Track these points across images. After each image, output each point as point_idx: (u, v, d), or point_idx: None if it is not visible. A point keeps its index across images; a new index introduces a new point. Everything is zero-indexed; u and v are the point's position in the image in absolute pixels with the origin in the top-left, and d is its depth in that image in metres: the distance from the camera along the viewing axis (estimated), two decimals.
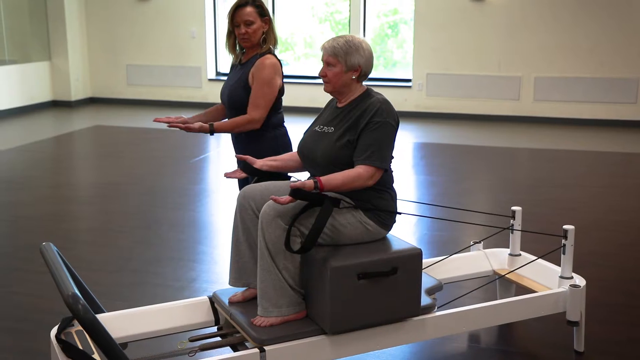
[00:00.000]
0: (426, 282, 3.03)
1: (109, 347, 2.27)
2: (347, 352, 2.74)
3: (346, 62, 2.77)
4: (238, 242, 2.90)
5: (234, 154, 3.49)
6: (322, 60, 2.82)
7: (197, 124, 3.20)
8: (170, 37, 10.92)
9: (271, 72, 3.25)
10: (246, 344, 2.76)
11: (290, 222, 2.62)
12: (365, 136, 2.73)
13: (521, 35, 9.64)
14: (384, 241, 2.86)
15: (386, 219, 2.84)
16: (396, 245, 2.82)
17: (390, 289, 2.72)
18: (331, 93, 2.87)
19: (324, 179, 2.62)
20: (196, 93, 10.93)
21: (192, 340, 2.83)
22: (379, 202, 2.81)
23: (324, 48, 2.81)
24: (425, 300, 2.88)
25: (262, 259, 2.68)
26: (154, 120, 3.25)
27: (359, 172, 2.68)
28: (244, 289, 2.93)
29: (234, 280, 2.92)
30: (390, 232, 2.93)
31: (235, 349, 2.74)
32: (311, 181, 2.58)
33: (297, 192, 2.55)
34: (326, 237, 2.72)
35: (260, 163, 2.97)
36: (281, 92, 3.36)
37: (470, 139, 8.67)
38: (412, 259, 2.75)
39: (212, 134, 3.23)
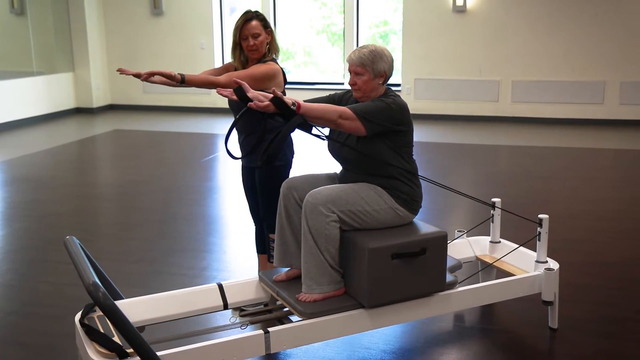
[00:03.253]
0: (448, 261, 3.06)
1: (128, 331, 2.26)
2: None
3: (373, 69, 2.78)
4: (282, 228, 2.92)
5: (239, 150, 3.48)
6: (350, 70, 2.81)
7: (171, 71, 3.00)
8: (182, 48, 10.90)
9: (265, 73, 3.18)
10: (290, 317, 2.80)
11: (268, 143, 2.64)
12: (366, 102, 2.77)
13: (499, 43, 9.63)
14: (412, 225, 2.89)
15: (414, 204, 2.87)
16: (424, 229, 2.85)
17: (420, 268, 2.75)
18: (360, 98, 2.86)
19: (304, 103, 2.62)
20: (205, 99, 10.92)
21: (242, 315, 2.86)
22: (406, 188, 2.84)
23: (351, 59, 2.80)
24: (448, 277, 2.92)
25: (305, 243, 2.71)
26: (118, 70, 2.96)
27: (336, 107, 2.67)
28: (288, 269, 2.96)
29: (279, 261, 2.96)
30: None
31: (281, 323, 2.76)
32: (290, 100, 2.58)
33: (276, 100, 2.52)
34: (361, 222, 2.76)
35: (252, 93, 2.69)
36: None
37: (454, 137, 8.66)
38: (439, 241, 2.79)
39: (182, 82, 3.02)
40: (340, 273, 2.79)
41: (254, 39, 3.23)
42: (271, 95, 2.57)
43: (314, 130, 2.70)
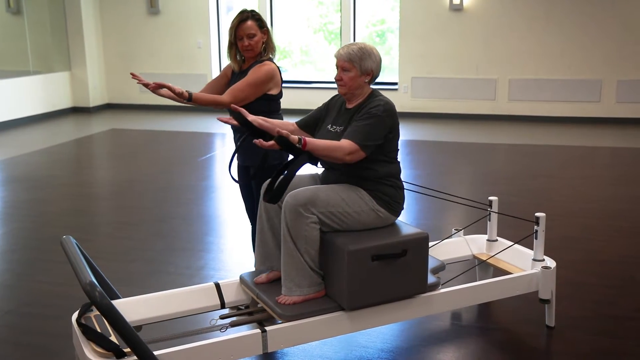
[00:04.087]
0: (431, 262, 3.05)
1: (124, 330, 2.25)
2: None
3: (361, 67, 2.77)
4: (262, 229, 2.91)
5: (236, 152, 3.48)
6: (337, 65, 2.81)
7: (180, 89, 3.09)
8: (179, 47, 10.89)
9: (264, 76, 3.20)
10: (271, 320, 2.78)
11: (272, 177, 2.62)
12: (358, 121, 2.74)
13: (496, 41, 9.63)
14: (393, 226, 2.87)
15: (395, 206, 2.85)
16: (405, 230, 2.83)
17: (401, 269, 2.74)
18: (345, 95, 2.86)
19: (309, 139, 2.61)
20: None
21: (222, 317, 2.84)
22: (388, 190, 2.81)
23: (339, 54, 2.79)
24: (430, 279, 2.91)
25: (285, 245, 2.69)
26: (132, 75, 3.02)
27: (341, 144, 2.67)
28: (268, 271, 2.94)
29: (259, 263, 2.94)
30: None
31: (261, 325, 2.75)
32: (296, 137, 2.58)
33: (282, 139, 2.53)
34: (342, 223, 2.74)
35: (252, 117, 2.89)
36: (279, 95, 3.34)
37: (451, 136, 8.66)
38: (420, 242, 2.77)
39: (189, 100, 3.11)
40: (320, 275, 2.76)
41: (249, 39, 3.23)
42: (271, 121, 2.72)
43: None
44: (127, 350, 2.39)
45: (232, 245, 4.57)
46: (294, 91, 10.27)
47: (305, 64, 11.40)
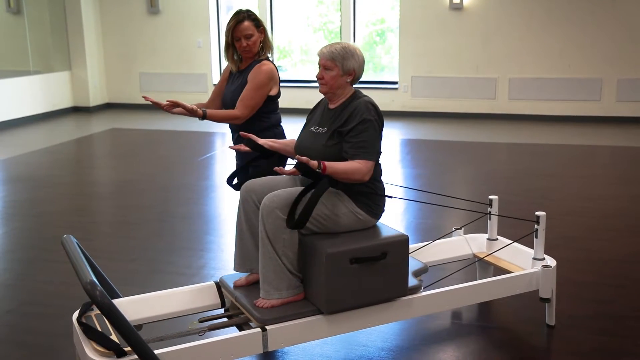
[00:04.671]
0: (413, 265, 3.02)
1: (125, 329, 2.26)
2: (341, 329, 2.75)
3: (343, 66, 2.75)
4: (241, 231, 2.89)
5: (235, 152, 3.48)
6: (319, 64, 2.80)
7: (193, 106, 3.13)
8: (179, 47, 10.89)
9: (266, 78, 3.22)
10: (250, 323, 2.75)
11: (292, 204, 2.59)
12: (357, 134, 2.71)
13: (496, 40, 9.63)
14: (374, 229, 2.85)
15: (375, 208, 2.83)
16: (385, 232, 2.81)
17: (380, 272, 2.71)
18: (326, 94, 2.85)
19: (328, 164, 2.60)
20: (202, 97, 10.87)
21: (201, 321, 2.82)
22: (368, 193, 2.80)
23: (322, 53, 2.78)
24: (412, 281, 2.88)
25: (263, 247, 2.67)
26: (145, 98, 3.08)
27: (358, 167, 2.67)
28: (248, 274, 2.92)
29: (239, 266, 2.92)
30: (379, 221, 2.92)
31: (240, 329, 2.74)
32: (316, 162, 2.57)
33: (301, 165, 2.54)
34: (321, 226, 2.72)
35: (262, 141, 2.95)
36: (278, 95, 3.34)
37: (451, 135, 8.66)
38: (400, 245, 2.75)
39: (203, 118, 3.16)
40: (299, 278, 2.73)
41: (246, 40, 3.24)
42: (279, 141, 2.86)
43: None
44: (128, 349, 2.39)
45: (232, 244, 4.56)
46: (294, 90, 10.27)
47: (305, 63, 11.40)
